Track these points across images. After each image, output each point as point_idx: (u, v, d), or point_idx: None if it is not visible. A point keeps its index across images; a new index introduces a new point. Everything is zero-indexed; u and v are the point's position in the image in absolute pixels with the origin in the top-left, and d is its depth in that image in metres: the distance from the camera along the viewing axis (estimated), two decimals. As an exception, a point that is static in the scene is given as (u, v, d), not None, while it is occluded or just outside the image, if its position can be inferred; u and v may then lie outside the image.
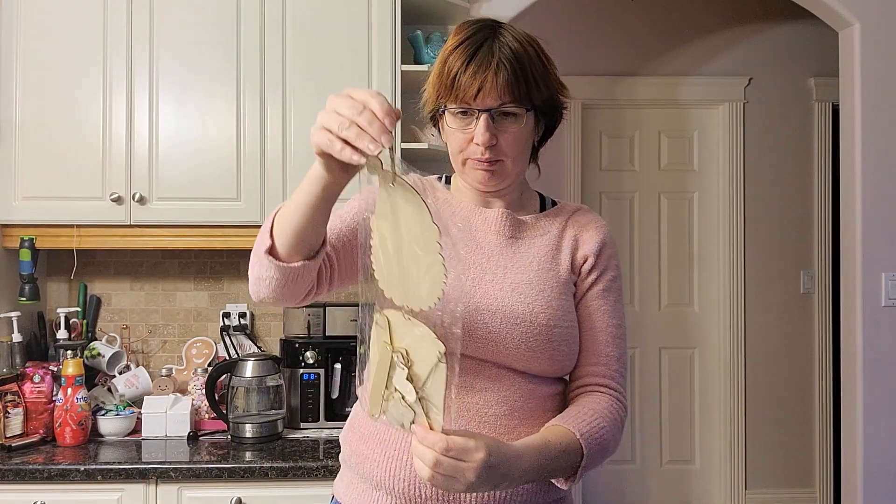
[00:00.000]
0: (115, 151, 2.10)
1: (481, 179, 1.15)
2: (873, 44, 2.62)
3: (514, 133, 1.12)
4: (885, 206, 2.61)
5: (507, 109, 1.10)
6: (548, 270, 1.16)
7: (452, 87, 1.09)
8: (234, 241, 2.15)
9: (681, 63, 3.79)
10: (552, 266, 1.16)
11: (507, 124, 1.11)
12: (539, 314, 1.11)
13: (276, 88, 2.12)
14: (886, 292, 2.60)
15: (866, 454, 2.59)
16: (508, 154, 1.13)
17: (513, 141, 1.12)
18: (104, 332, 2.38)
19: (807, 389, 3.81)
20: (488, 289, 1.12)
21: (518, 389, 1.10)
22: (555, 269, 1.16)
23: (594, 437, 1.06)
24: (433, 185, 1.25)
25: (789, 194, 3.81)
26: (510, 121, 1.11)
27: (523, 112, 1.11)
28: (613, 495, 3.80)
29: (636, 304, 3.83)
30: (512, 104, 1.10)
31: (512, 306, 1.10)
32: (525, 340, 1.09)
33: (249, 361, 2.07)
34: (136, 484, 1.83)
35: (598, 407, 1.11)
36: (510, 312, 1.10)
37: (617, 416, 1.12)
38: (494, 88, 1.08)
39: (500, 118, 1.11)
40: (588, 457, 1.05)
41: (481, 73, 1.08)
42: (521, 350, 1.09)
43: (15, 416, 1.95)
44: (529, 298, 1.11)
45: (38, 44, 2.10)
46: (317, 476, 1.84)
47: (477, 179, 1.16)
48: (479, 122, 1.10)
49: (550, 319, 1.11)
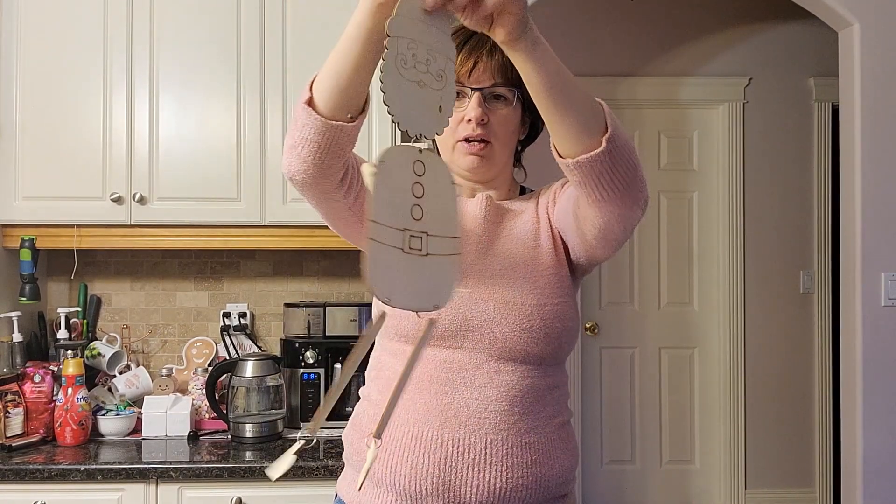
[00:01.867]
0: (116, 151, 2.11)
1: (471, 165, 1.17)
2: (873, 44, 2.62)
3: (504, 115, 1.16)
4: (885, 206, 2.62)
5: (498, 91, 1.15)
6: (532, 248, 1.16)
7: None
8: (234, 241, 2.16)
9: (681, 63, 3.79)
10: (535, 244, 1.17)
11: (498, 106, 1.16)
12: (528, 295, 1.11)
13: (277, 88, 2.13)
14: (886, 292, 2.60)
15: (866, 454, 2.59)
16: (498, 136, 1.16)
17: (503, 122, 1.16)
18: (104, 332, 2.38)
19: (806, 389, 3.82)
20: (479, 279, 1.13)
21: (517, 384, 1.11)
22: (538, 246, 1.17)
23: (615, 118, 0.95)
24: None
25: (789, 194, 3.81)
26: (501, 103, 1.16)
27: (513, 96, 1.15)
28: (613, 495, 3.80)
29: (636, 303, 3.84)
30: (503, 86, 1.14)
31: (502, 292, 1.11)
32: (519, 323, 1.10)
33: (249, 361, 2.07)
34: (136, 484, 1.83)
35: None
36: (501, 299, 1.11)
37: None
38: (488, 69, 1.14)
39: (491, 100, 1.15)
40: (610, 116, 0.92)
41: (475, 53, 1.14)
42: (517, 334, 1.10)
43: (15, 416, 1.95)
44: (517, 282, 1.12)
45: (38, 44, 2.10)
46: (317, 476, 1.84)
47: (467, 165, 1.17)
48: (471, 100, 1.14)
49: (540, 298, 1.12)
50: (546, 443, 1.12)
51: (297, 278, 2.45)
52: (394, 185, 0.73)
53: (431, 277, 0.75)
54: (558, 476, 1.13)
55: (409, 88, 0.75)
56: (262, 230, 2.14)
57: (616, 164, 0.93)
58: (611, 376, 3.82)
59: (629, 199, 0.98)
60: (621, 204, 0.98)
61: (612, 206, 0.98)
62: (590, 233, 1.06)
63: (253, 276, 2.45)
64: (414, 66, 0.75)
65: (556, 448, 1.13)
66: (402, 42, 0.75)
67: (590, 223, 1.04)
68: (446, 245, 0.77)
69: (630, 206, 0.99)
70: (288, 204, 2.12)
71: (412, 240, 0.74)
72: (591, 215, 1.02)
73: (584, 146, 0.91)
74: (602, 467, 3.81)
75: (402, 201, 0.74)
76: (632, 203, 0.99)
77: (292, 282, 2.45)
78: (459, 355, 1.11)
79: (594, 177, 0.93)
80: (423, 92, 0.76)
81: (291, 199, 2.12)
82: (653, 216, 3.83)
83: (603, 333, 3.81)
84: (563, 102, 0.89)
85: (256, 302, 2.44)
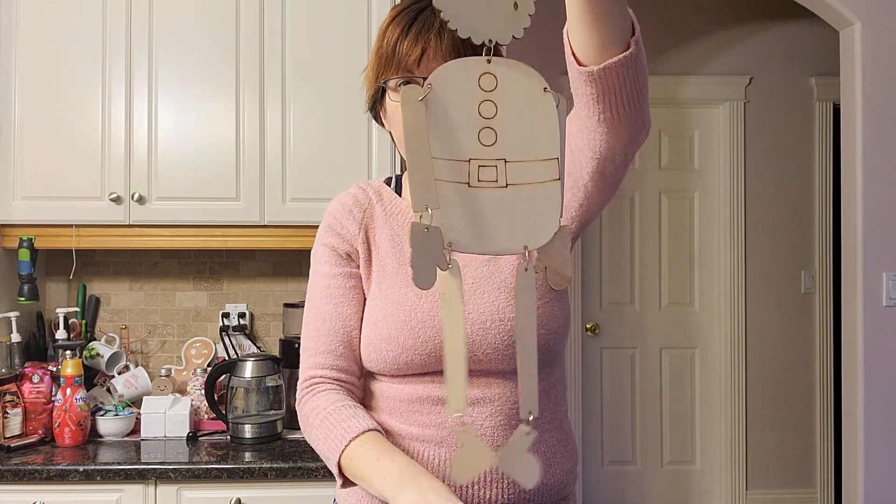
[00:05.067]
0: (115, 151, 2.10)
1: None
2: (874, 43, 2.61)
3: None
4: (887, 206, 2.61)
5: None
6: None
7: (393, 57, 1.03)
8: (233, 241, 2.15)
9: (681, 62, 3.78)
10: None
11: None
12: (505, 308, 1.05)
13: (276, 88, 2.12)
14: (887, 292, 2.59)
15: (867, 454, 2.58)
16: None
17: None
18: (103, 333, 2.38)
19: (808, 389, 3.81)
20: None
21: (511, 396, 1.06)
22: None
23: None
24: (379, 193, 1.16)
25: (790, 194, 3.81)
26: None
27: None
28: (614, 496, 3.80)
29: (636, 303, 3.83)
30: None
31: (478, 309, 1.05)
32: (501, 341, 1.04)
33: (249, 362, 2.07)
34: (135, 484, 1.82)
35: None
36: (478, 320, 1.05)
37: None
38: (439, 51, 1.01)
39: None
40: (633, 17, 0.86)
41: (423, 36, 1.02)
42: (500, 351, 1.04)
43: (14, 417, 1.95)
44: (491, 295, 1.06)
45: (37, 43, 2.10)
46: (316, 477, 1.83)
47: None
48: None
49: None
50: (546, 450, 1.09)
51: (297, 278, 2.44)
52: (451, 109, 0.62)
53: (517, 212, 0.63)
54: (560, 481, 1.11)
55: None
56: (262, 230, 2.13)
57: (639, 69, 0.86)
58: (611, 377, 3.82)
59: (640, 118, 0.91)
60: (632, 122, 0.91)
61: (623, 125, 0.91)
62: (588, 165, 0.97)
63: (252, 276, 2.44)
64: None
65: (557, 453, 1.11)
66: None
67: (589, 153, 0.95)
68: (535, 171, 0.63)
69: (640, 127, 0.92)
70: (287, 204, 2.12)
71: (482, 171, 0.62)
72: (595, 139, 0.93)
73: (612, 51, 0.84)
74: (603, 468, 3.80)
75: (465, 127, 0.62)
76: (641, 122, 0.92)
77: (292, 282, 2.45)
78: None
79: (617, 85, 0.85)
80: None
81: (291, 198, 2.12)
82: (653, 216, 3.83)
83: (603, 334, 3.81)
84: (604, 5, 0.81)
85: (256, 302, 2.44)
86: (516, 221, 0.63)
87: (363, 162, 2.12)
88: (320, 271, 1.13)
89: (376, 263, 1.12)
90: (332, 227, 1.15)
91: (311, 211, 2.09)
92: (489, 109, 0.62)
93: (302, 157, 2.12)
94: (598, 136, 0.93)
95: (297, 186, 2.12)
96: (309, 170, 2.12)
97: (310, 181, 2.12)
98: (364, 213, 1.15)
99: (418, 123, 0.61)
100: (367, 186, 1.18)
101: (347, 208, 1.15)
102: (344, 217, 1.14)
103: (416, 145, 0.61)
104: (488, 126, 0.62)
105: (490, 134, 0.62)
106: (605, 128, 0.91)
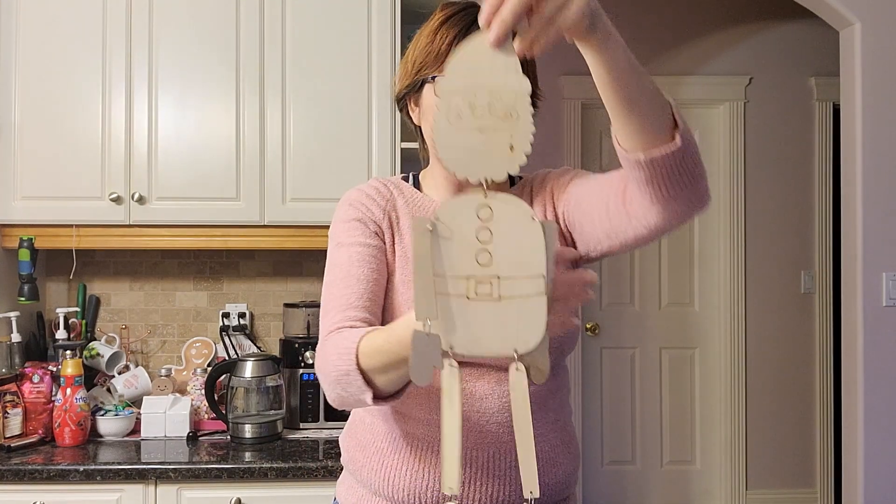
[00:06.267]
0: (115, 151, 2.10)
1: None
2: (874, 43, 2.62)
3: None
4: (886, 206, 2.61)
5: None
6: None
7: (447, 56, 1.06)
8: (233, 241, 2.15)
9: (681, 63, 3.78)
10: None
11: None
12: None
13: (276, 88, 2.12)
14: (887, 292, 2.59)
15: (867, 454, 2.59)
16: None
17: None
18: (103, 333, 2.38)
19: (808, 389, 3.81)
20: None
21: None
22: None
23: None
24: (399, 187, 1.18)
25: (790, 194, 3.81)
26: None
27: None
28: (614, 496, 3.80)
29: (636, 303, 3.83)
30: None
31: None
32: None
33: (249, 361, 2.07)
34: (135, 484, 1.82)
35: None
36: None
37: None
38: None
39: None
40: (677, 110, 0.89)
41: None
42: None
43: (14, 417, 1.95)
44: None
45: (37, 43, 2.10)
46: (316, 476, 1.83)
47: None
48: None
49: None
50: (549, 450, 1.10)
51: (297, 278, 2.45)
52: (454, 237, 0.73)
53: (508, 321, 0.72)
54: (561, 482, 1.11)
55: (466, 138, 0.74)
56: (262, 230, 2.13)
57: (687, 159, 0.87)
58: (611, 377, 3.82)
59: (695, 196, 0.91)
60: (687, 201, 0.91)
61: (678, 204, 0.91)
62: (636, 232, 0.98)
63: (252, 276, 2.44)
64: (471, 115, 0.74)
65: (560, 454, 1.12)
66: (454, 98, 0.74)
67: (643, 222, 0.96)
68: (524, 286, 0.73)
69: (695, 204, 0.92)
70: (287, 204, 2.12)
71: (479, 286, 0.73)
72: (649, 214, 0.94)
73: (652, 141, 0.86)
74: (602, 468, 3.80)
75: (465, 250, 0.73)
76: (697, 200, 0.92)
77: (292, 282, 2.45)
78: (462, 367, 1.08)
79: (665, 173, 0.87)
80: (484, 136, 0.74)
81: (291, 198, 2.12)
82: (653, 216, 3.82)
83: (603, 333, 3.81)
84: (634, 96, 0.84)
85: (256, 302, 2.44)
86: (507, 329, 0.73)
87: (363, 162, 2.12)
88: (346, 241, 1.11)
89: (399, 249, 1.12)
90: (355, 206, 1.14)
91: (312, 211, 2.10)
92: (486, 235, 0.73)
93: (302, 157, 2.12)
94: (653, 212, 0.93)
95: (297, 186, 2.12)
96: (309, 170, 2.12)
97: (310, 181, 2.12)
98: (387, 201, 1.15)
99: (425, 248, 0.72)
100: (386, 181, 1.20)
101: (369, 195, 1.15)
102: (367, 201, 1.14)
103: (422, 266, 0.72)
104: (484, 249, 0.73)
105: (486, 255, 0.73)
106: (659, 206, 0.92)
